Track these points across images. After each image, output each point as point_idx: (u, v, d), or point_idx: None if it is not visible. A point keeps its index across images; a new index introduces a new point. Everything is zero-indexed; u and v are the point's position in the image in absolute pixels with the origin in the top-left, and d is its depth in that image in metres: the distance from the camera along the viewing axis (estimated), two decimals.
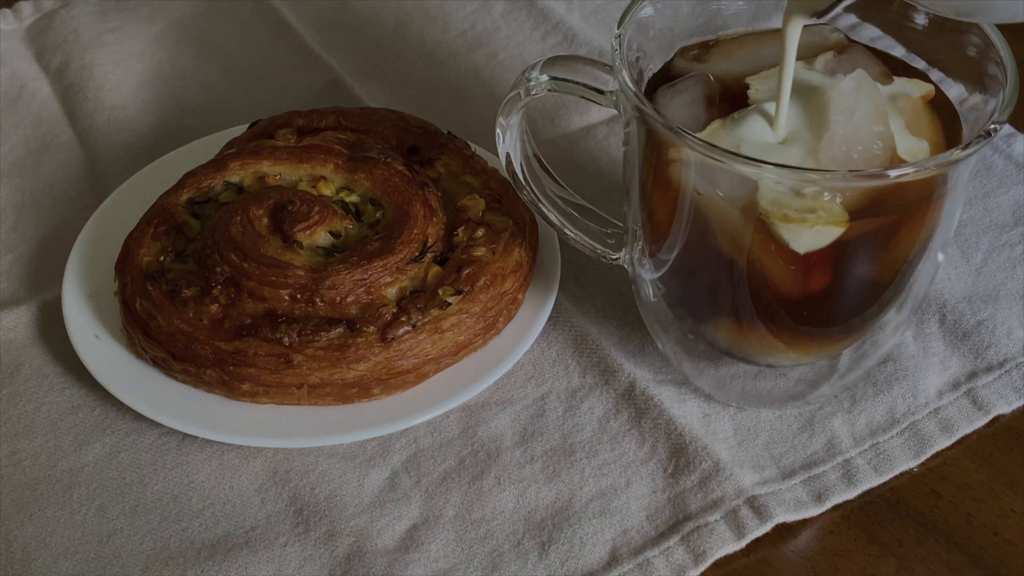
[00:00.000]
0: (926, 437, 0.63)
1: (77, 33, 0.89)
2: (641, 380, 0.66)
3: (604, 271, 0.71)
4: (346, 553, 0.59)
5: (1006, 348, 0.67)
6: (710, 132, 0.56)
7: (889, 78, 0.58)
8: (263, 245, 0.65)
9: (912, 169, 0.51)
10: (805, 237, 0.53)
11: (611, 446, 0.63)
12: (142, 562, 0.59)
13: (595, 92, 0.59)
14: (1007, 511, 0.61)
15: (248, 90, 0.85)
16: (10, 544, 0.60)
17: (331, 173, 0.70)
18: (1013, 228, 0.73)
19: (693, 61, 0.61)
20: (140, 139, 0.81)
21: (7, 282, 0.72)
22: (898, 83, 0.58)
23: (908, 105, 0.57)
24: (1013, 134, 0.78)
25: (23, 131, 0.82)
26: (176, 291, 0.64)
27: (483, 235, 0.67)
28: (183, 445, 0.64)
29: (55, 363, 0.68)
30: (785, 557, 0.59)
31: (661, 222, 0.58)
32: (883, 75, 0.58)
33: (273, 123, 0.75)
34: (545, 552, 0.59)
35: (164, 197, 0.70)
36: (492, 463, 0.63)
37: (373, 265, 0.64)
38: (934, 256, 0.59)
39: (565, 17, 0.88)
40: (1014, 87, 0.54)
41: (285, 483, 0.62)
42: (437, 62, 0.86)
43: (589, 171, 0.78)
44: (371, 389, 0.63)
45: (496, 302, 0.66)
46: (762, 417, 0.64)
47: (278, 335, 0.62)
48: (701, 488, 0.61)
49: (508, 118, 0.62)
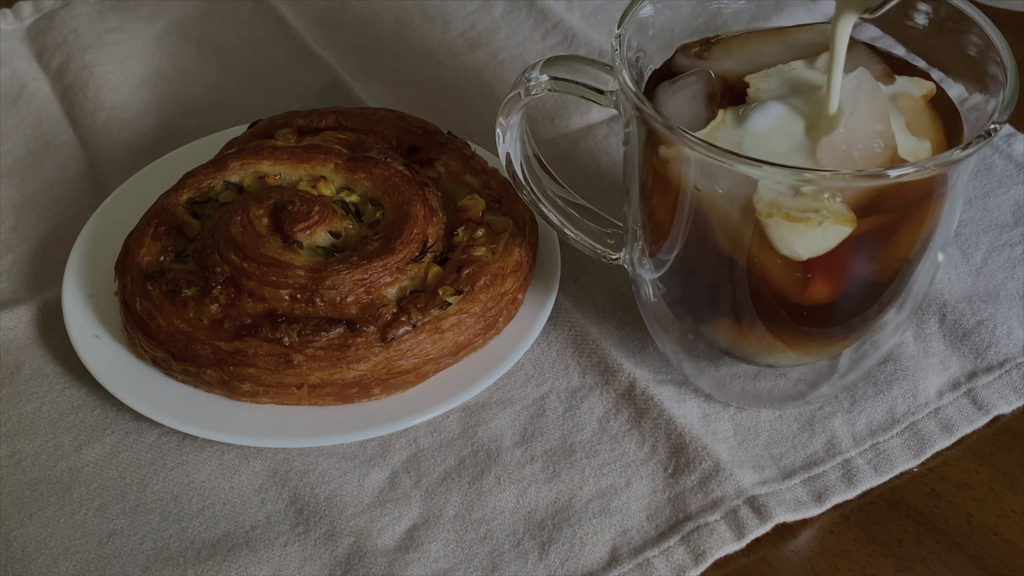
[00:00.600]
0: (926, 437, 0.63)
1: (77, 33, 0.89)
2: (641, 380, 0.66)
3: (604, 271, 0.71)
4: (346, 553, 0.59)
5: (1006, 348, 0.67)
6: (712, 128, 0.56)
7: (891, 77, 0.58)
8: (263, 245, 0.65)
9: (912, 169, 0.51)
10: (808, 239, 0.53)
11: (611, 446, 0.63)
12: (142, 562, 0.59)
13: (595, 92, 0.59)
14: (1007, 511, 0.61)
15: (248, 90, 0.85)
16: (10, 544, 0.60)
17: (331, 173, 0.70)
18: (1013, 228, 0.73)
19: (695, 58, 0.61)
20: (140, 139, 0.81)
21: (7, 282, 0.72)
22: (900, 82, 0.58)
23: (909, 104, 0.57)
24: (1013, 134, 0.78)
25: (23, 131, 0.82)
26: (176, 291, 0.64)
27: (483, 235, 0.67)
28: (183, 445, 0.64)
29: (55, 363, 0.68)
30: (785, 557, 0.59)
31: (661, 222, 0.58)
32: (885, 74, 0.58)
33: (273, 123, 0.75)
34: (545, 552, 0.59)
35: (164, 197, 0.70)
36: (492, 463, 0.63)
37: (373, 265, 0.64)
38: (934, 256, 0.59)
39: (565, 17, 0.88)
40: (1014, 87, 0.54)
41: (285, 483, 0.62)
42: (437, 62, 0.86)
43: (589, 171, 0.78)
44: (371, 389, 0.63)
45: (496, 302, 0.66)
46: (762, 417, 0.64)
47: (278, 335, 0.62)
48: (701, 488, 0.61)
49: (508, 118, 0.62)
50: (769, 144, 0.55)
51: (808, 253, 0.54)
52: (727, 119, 0.56)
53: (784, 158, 0.54)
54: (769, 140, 0.55)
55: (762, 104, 0.56)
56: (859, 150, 0.53)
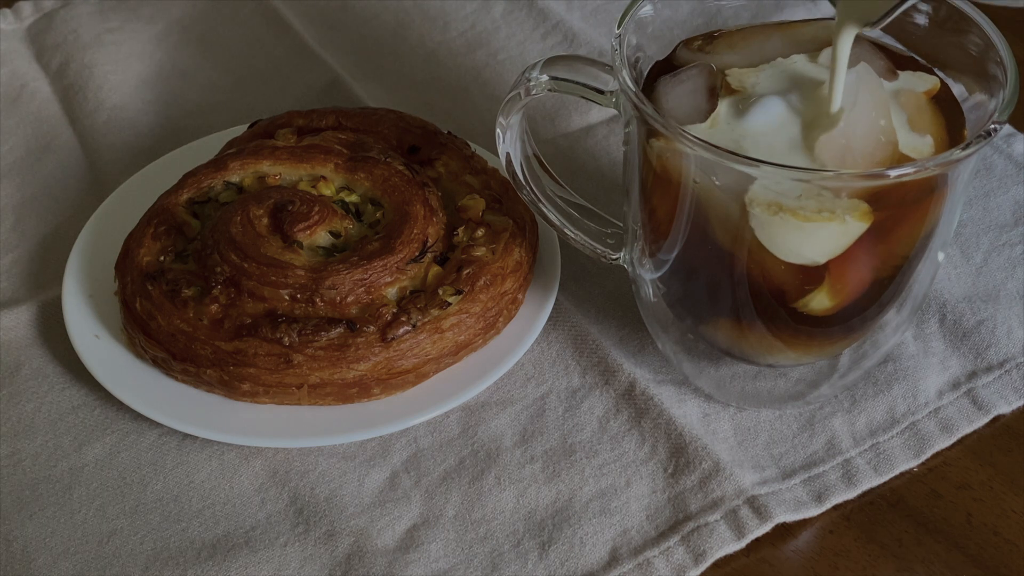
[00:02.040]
0: (926, 437, 0.63)
1: (77, 33, 0.89)
2: (641, 380, 0.66)
3: (604, 271, 0.71)
4: (346, 553, 0.59)
5: (1006, 348, 0.67)
6: (711, 121, 0.56)
7: (894, 74, 0.58)
8: (263, 245, 0.65)
9: (912, 169, 0.51)
10: (819, 240, 0.53)
11: (611, 446, 0.63)
12: (142, 562, 0.59)
13: (595, 92, 0.59)
14: (1007, 511, 0.61)
15: (248, 90, 0.85)
16: (10, 544, 0.60)
17: (331, 173, 0.70)
18: (1013, 228, 0.73)
19: (696, 52, 0.61)
20: (140, 139, 0.81)
21: (7, 282, 0.72)
22: (903, 78, 0.58)
23: (911, 100, 0.57)
24: (1013, 134, 0.78)
25: (23, 131, 0.82)
26: (176, 291, 0.64)
27: (483, 235, 0.67)
28: (183, 445, 0.64)
29: (55, 363, 0.68)
30: (785, 557, 0.59)
31: (661, 221, 0.58)
32: (887, 70, 0.58)
33: (273, 123, 0.75)
34: (545, 552, 0.59)
35: (164, 197, 0.70)
36: (492, 463, 0.63)
37: (373, 265, 0.64)
38: (934, 256, 0.59)
39: (565, 17, 0.88)
40: (1014, 87, 0.54)
41: (285, 483, 0.62)
42: (437, 62, 0.86)
43: (589, 171, 0.78)
44: (371, 389, 0.63)
45: (496, 302, 0.66)
46: (762, 417, 0.64)
47: (278, 335, 0.62)
48: (701, 488, 0.61)
49: (508, 118, 0.62)
50: (767, 140, 0.54)
51: (819, 255, 0.54)
52: (725, 112, 0.56)
53: (783, 155, 0.53)
54: (768, 136, 0.55)
55: (761, 99, 0.56)
56: (859, 146, 0.53)
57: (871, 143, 0.54)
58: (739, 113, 0.56)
